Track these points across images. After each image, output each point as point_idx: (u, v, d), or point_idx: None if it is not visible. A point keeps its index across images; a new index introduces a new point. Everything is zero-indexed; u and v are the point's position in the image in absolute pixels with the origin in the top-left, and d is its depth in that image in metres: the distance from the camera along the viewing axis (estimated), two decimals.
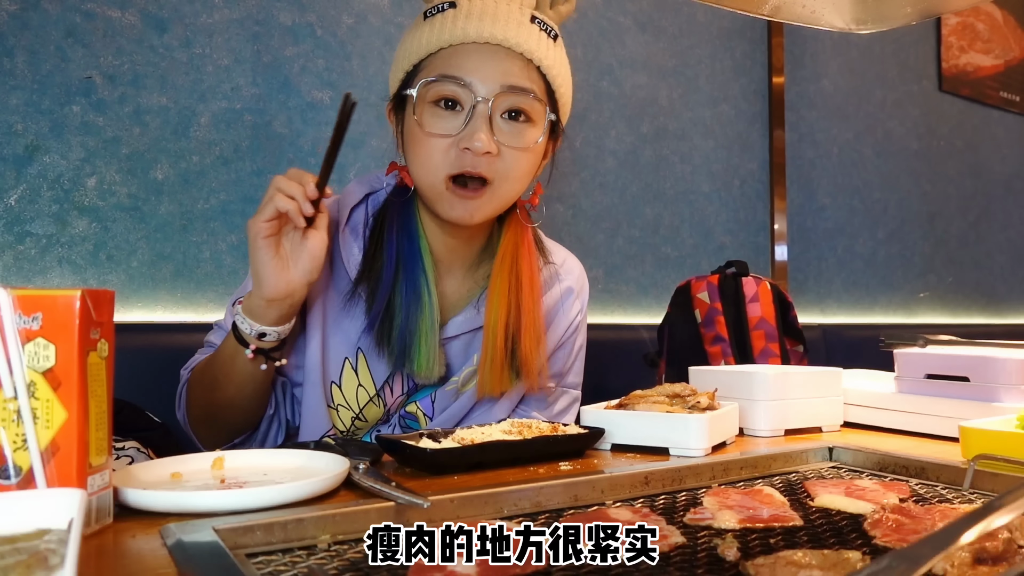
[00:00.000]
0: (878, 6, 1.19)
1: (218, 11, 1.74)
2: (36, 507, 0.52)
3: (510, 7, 1.08)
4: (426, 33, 1.07)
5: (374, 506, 0.66)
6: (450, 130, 1.04)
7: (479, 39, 1.05)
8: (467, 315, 1.18)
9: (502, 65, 1.05)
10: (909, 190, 3.28)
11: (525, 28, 1.07)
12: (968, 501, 0.75)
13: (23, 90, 1.53)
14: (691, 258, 2.59)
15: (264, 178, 1.78)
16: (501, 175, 1.06)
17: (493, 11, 1.06)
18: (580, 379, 1.35)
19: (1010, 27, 3.69)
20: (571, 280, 1.30)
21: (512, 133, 1.07)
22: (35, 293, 0.58)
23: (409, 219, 1.14)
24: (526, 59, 1.07)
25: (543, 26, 1.09)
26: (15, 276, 1.52)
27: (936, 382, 1.12)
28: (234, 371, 1.03)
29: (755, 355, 1.86)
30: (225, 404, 1.07)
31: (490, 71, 1.04)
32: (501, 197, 1.09)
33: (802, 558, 0.54)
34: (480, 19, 1.05)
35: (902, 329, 3.02)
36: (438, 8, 1.08)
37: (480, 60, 1.05)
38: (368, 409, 1.14)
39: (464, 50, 1.05)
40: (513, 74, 1.05)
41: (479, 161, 1.04)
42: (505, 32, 1.05)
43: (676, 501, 0.77)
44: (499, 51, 1.06)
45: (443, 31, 1.06)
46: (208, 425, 1.12)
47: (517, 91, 1.05)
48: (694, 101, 2.63)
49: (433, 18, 1.08)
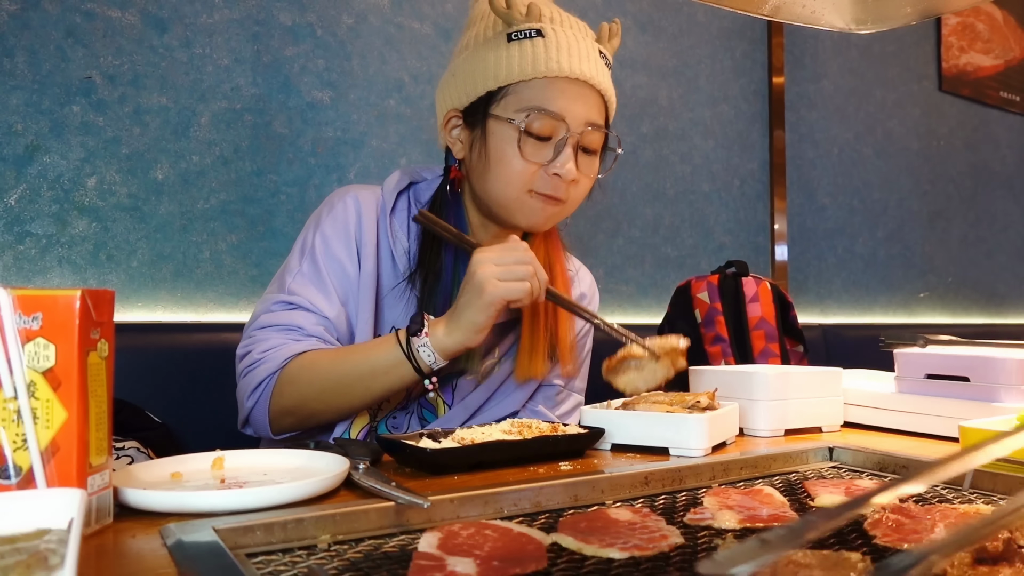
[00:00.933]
0: (878, 6, 1.18)
1: (218, 11, 1.74)
2: (36, 507, 0.52)
3: (588, 42, 1.16)
4: (517, 58, 1.12)
5: (374, 506, 0.66)
6: (542, 158, 1.13)
7: (571, 75, 1.12)
8: None
9: (587, 102, 1.15)
10: (909, 190, 3.28)
11: (600, 65, 1.16)
12: (968, 501, 0.75)
13: (23, 90, 1.53)
14: (691, 258, 2.59)
15: (264, 178, 1.78)
16: (574, 199, 1.19)
17: (578, 46, 1.14)
18: (585, 384, 1.40)
19: (1010, 27, 3.69)
20: (584, 287, 1.40)
21: (587, 163, 1.18)
22: (35, 293, 0.58)
23: (461, 216, 1.22)
24: (600, 95, 1.17)
25: (605, 60, 1.18)
26: (15, 276, 1.52)
27: (936, 382, 1.12)
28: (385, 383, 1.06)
29: (755, 355, 1.86)
30: (346, 406, 1.09)
31: (579, 108, 1.13)
32: (567, 213, 1.22)
33: (802, 558, 0.54)
34: (570, 54, 1.12)
35: (902, 329, 3.02)
36: (525, 34, 1.13)
37: (573, 97, 1.13)
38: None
39: (559, 85, 1.12)
40: (594, 111, 1.16)
41: (561, 186, 1.14)
42: (592, 70, 1.14)
43: (676, 501, 0.77)
44: (585, 88, 1.14)
45: (537, 61, 1.12)
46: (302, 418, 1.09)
47: (598, 128, 1.17)
48: (694, 101, 2.63)
49: (521, 43, 1.13)
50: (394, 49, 1.97)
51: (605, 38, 1.20)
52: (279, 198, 1.79)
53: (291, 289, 1.12)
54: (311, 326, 1.10)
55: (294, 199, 1.80)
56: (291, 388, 1.06)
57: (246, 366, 1.09)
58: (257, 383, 1.07)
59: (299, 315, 1.11)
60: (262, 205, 1.77)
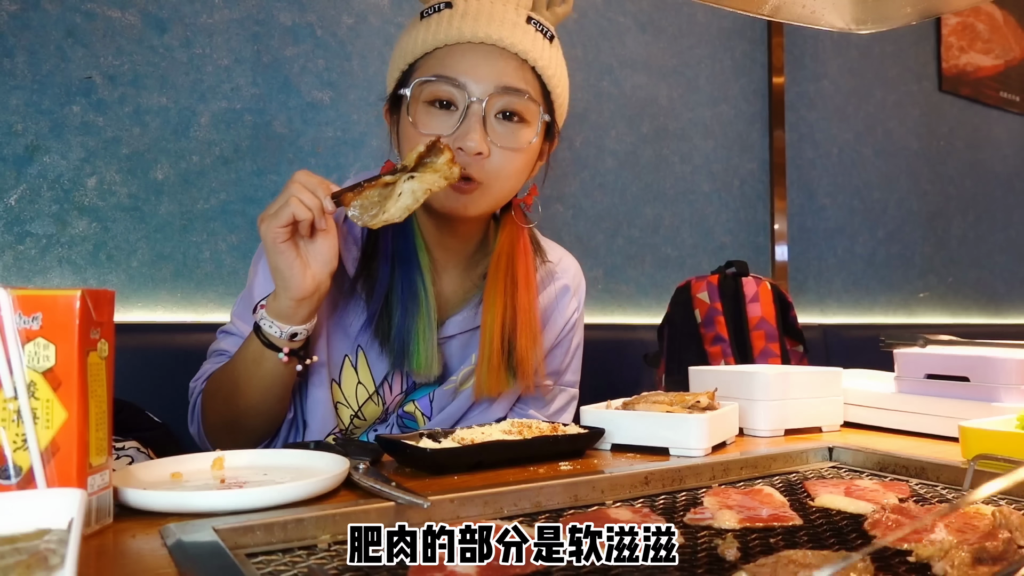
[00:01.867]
0: (878, 6, 1.18)
1: (218, 11, 1.74)
2: (36, 507, 0.52)
3: (506, 8, 1.08)
4: (422, 33, 1.08)
5: (374, 506, 0.66)
6: (444, 129, 1.05)
7: (474, 39, 1.05)
8: (465, 315, 1.18)
9: (496, 65, 1.06)
10: (909, 190, 3.28)
11: (520, 28, 1.07)
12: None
13: (23, 90, 1.53)
14: (691, 258, 2.59)
15: (264, 178, 1.78)
16: (492, 175, 1.07)
17: (489, 11, 1.06)
18: (577, 377, 1.36)
19: (1010, 27, 3.69)
20: (567, 278, 1.30)
21: (505, 133, 1.07)
22: (35, 293, 0.58)
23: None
24: (521, 60, 1.08)
25: (539, 27, 1.10)
26: (15, 276, 1.52)
27: (936, 382, 1.12)
28: (260, 375, 1.03)
29: (755, 355, 1.86)
30: (250, 411, 1.07)
31: (484, 71, 1.05)
32: (495, 195, 1.10)
33: (802, 558, 0.54)
34: (475, 19, 1.06)
35: (902, 329, 3.02)
36: (434, 8, 1.08)
37: (474, 60, 1.05)
38: (367, 407, 1.14)
39: (459, 50, 1.06)
40: (507, 75, 1.06)
41: (470, 161, 1.04)
42: (500, 32, 1.06)
43: (676, 501, 0.77)
44: (494, 51, 1.06)
45: (438, 31, 1.06)
46: (230, 433, 1.11)
47: (511, 92, 1.06)
48: (694, 101, 2.63)
49: (429, 18, 1.08)
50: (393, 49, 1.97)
51: (543, 5, 1.11)
52: None
53: (232, 314, 1.16)
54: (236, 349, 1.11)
55: None
56: (209, 406, 1.10)
57: (189, 394, 1.15)
58: (191, 408, 1.14)
59: (227, 341, 1.14)
60: (262, 205, 1.77)
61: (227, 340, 1.15)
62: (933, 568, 0.54)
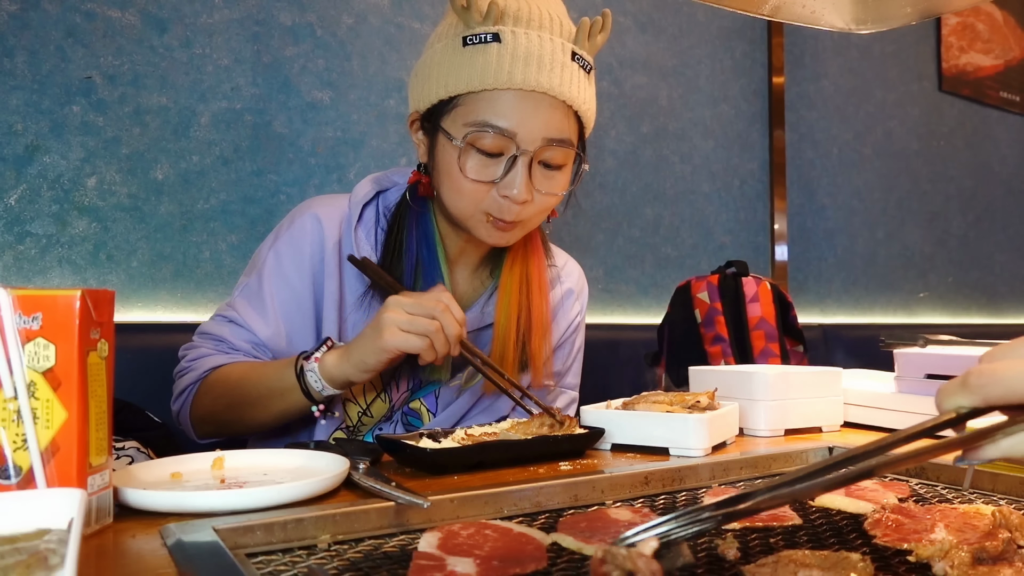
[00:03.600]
0: (878, 6, 1.18)
1: (218, 11, 1.74)
2: (36, 507, 0.52)
3: (553, 44, 1.04)
4: (467, 66, 1.03)
5: (374, 506, 0.66)
6: (490, 176, 1.05)
7: (525, 87, 1.02)
8: (473, 314, 1.19)
9: (544, 115, 1.04)
10: (909, 190, 3.28)
11: (568, 71, 1.05)
12: (968, 501, 0.75)
13: (23, 90, 1.53)
14: (691, 258, 2.59)
15: (264, 178, 1.78)
16: (531, 217, 1.10)
17: (538, 52, 1.03)
18: (578, 380, 1.38)
19: (1010, 27, 3.69)
20: (571, 282, 1.33)
21: (546, 180, 1.08)
22: (35, 293, 0.58)
23: (427, 224, 1.16)
24: (567, 106, 1.06)
25: (581, 62, 1.07)
26: (15, 276, 1.52)
27: (936, 382, 1.12)
28: (280, 406, 1.05)
29: (755, 355, 1.86)
30: (252, 422, 1.10)
31: (533, 124, 1.03)
32: (530, 228, 1.15)
33: (802, 558, 0.54)
34: (526, 63, 1.02)
35: (902, 329, 3.01)
36: (480, 38, 1.03)
37: (524, 111, 1.03)
38: (374, 405, 1.15)
39: (509, 97, 1.03)
40: (554, 126, 1.05)
41: (513, 208, 1.06)
42: (551, 80, 1.03)
43: (676, 501, 0.77)
44: (543, 100, 1.03)
45: (487, 71, 1.02)
46: (218, 428, 1.13)
47: (556, 143, 1.06)
48: (694, 101, 2.63)
49: (475, 49, 1.03)
50: (394, 49, 1.97)
51: (584, 37, 1.07)
52: (279, 198, 1.79)
53: (232, 303, 1.15)
54: (239, 342, 1.12)
55: (294, 199, 1.80)
56: (207, 399, 1.10)
57: (177, 370, 1.15)
58: (182, 389, 1.13)
59: (229, 329, 1.13)
60: (262, 205, 1.77)
61: (229, 329, 1.13)
62: (933, 568, 0.54)
